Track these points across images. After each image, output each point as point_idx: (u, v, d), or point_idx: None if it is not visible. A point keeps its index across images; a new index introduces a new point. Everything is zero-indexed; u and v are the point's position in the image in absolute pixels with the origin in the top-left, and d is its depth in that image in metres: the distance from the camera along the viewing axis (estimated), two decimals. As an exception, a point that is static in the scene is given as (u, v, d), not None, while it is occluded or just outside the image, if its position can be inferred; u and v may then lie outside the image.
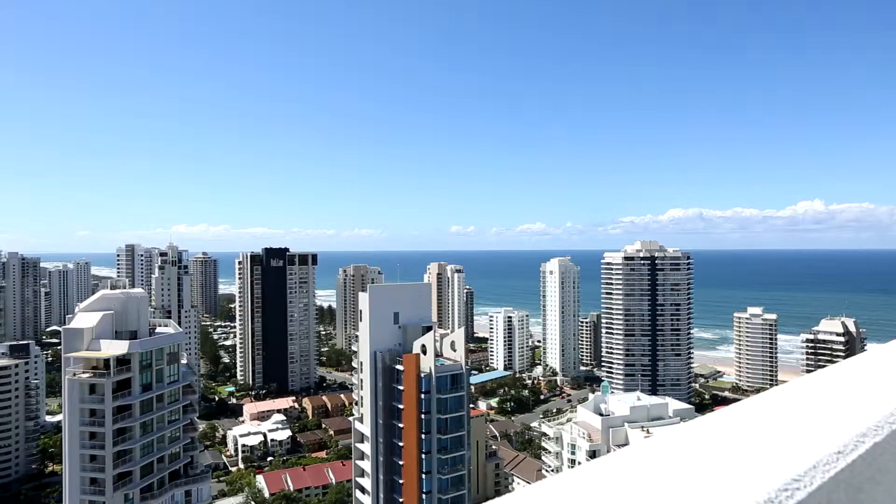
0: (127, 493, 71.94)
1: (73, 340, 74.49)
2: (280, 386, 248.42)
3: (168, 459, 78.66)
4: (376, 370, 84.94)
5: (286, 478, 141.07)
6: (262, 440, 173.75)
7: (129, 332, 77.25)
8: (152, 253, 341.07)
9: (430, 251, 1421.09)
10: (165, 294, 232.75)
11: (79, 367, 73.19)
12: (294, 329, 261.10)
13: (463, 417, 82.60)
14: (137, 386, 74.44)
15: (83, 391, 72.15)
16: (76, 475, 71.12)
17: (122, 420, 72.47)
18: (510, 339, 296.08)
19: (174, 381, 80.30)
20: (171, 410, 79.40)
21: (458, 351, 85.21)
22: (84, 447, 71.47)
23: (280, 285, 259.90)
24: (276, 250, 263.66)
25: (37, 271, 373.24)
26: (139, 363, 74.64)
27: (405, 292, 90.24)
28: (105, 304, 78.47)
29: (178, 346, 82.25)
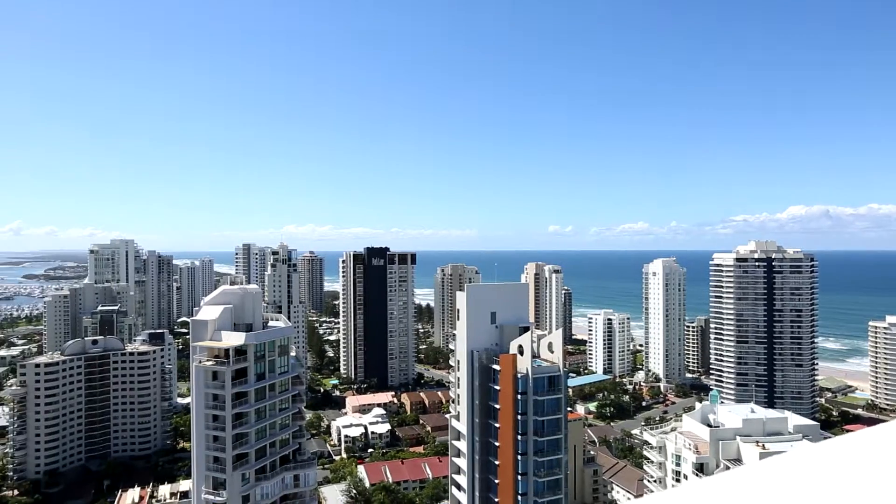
0: (244, 473, 77.98)
1: (198, 331, 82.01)
2: (380, 381, 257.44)
3: (279, 445, 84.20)
4: (473, 369, 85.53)
5: (385, 470, 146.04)
6: (364, 432, 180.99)
7: (246, 324, 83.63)
8: (265, 252, 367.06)
9: (527, 251, 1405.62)
10: (277, 290, 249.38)
11: (203, 355, 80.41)
12: (394, 326, 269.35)
13: (560, 420, 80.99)
14: (253, 375, 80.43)
15: (207, 377, 79.17)
16: (202, 453, 78.21)
17: (239, 406, 78.64)
18: (610, 342, 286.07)
19: (284, 371, 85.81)
20: (282, 399, 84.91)
21: (556, 352, 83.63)
22: (208, 428, 78.41)
23: (381, 283, 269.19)
24: (377, 250, 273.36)
25: (170, 268, 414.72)
26: (254, 354, 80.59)
27: (502, 292, 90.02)
28: (225, 299, 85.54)
29: (287, 339, 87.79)
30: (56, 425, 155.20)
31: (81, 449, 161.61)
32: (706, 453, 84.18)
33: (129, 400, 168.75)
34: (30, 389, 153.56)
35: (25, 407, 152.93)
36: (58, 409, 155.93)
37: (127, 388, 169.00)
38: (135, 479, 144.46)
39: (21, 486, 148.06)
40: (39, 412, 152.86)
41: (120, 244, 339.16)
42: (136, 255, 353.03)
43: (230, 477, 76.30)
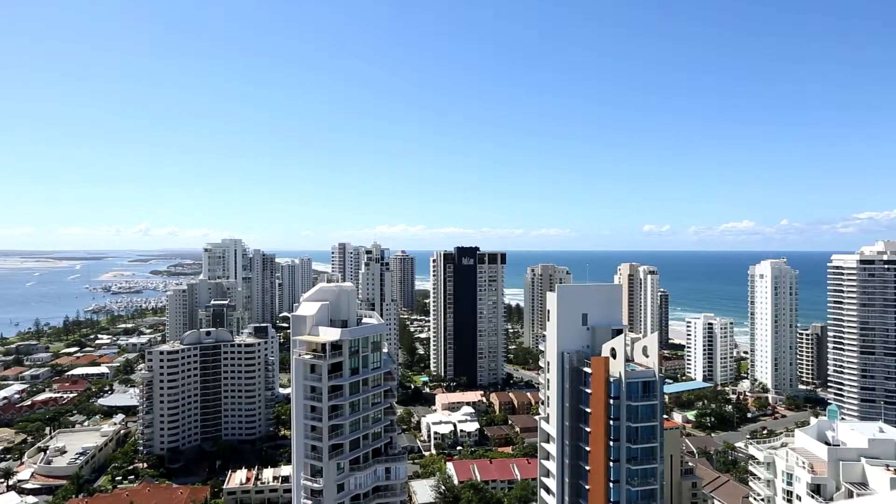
0: (339, 463, 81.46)
1: (298, 326, 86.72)
2: (469, 379, 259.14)
3: (371, 437, 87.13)
4: (563, 371, 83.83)
5: (474, 468, 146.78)
6: (453, 429, 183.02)
7: (341, 320, 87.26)
8: (360, 251, 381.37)
9: (621, 251, 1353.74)
10: (370, 288, 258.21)
11: (302, 348, 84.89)
12: (483, 326, 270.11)
13: (655, 428, 77.35)
14: (347, 369, 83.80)
15: (306, 370, 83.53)
16: (301, 441, 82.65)
17: (335, 398, 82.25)
18: (711, 348, 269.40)
19: (377, 367, 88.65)
20: (374, 394, 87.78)
21: (651, 357, 79.95)
22: (306, 418, 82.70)
23: (471, 283, 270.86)
24: (468, 249, 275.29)
25: (273, 266, 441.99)
26: (349, 349, 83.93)
27: (594, 293, 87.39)
28: (322, 296, 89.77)
29: (380, 335, 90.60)
30: (176, 407, 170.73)
31: (197, 430, 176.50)
32: (824, 474, 76.75)
33: (237, 388, 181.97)
34: (155, 374, 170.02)
35: (152, 389, 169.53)
36: (178, 393, 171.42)
37: (235, 376, 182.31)
38: (242, 461, 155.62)
39: (149, 460, 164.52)
40: (163, 395, 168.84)
41: (229, 243, 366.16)
42: (244, 254, 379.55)
43: (326, 465, 79.98)
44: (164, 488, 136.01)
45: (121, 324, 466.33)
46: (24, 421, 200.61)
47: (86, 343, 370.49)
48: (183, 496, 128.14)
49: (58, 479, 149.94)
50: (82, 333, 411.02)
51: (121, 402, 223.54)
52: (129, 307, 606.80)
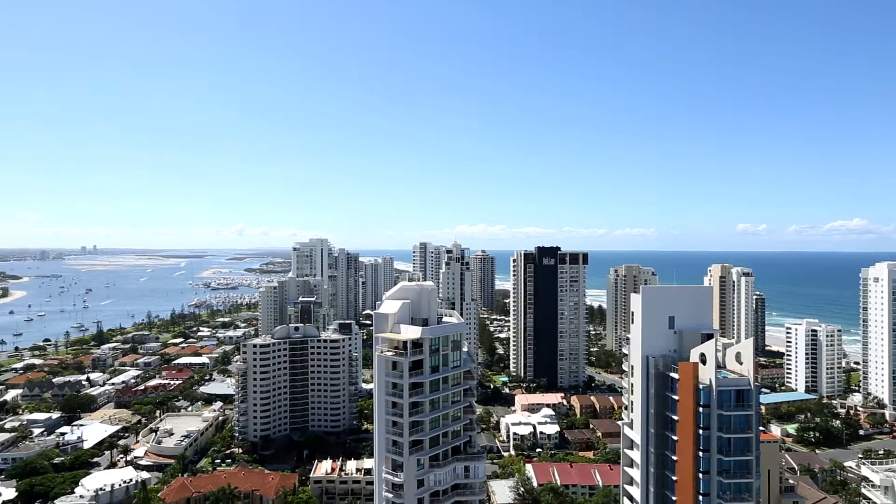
0: (419, 459, 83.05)
1: (380, 323, 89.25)
2: (549, 381, 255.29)
3: (451, 435, 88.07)
4: (648, 376, 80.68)
5: (553, 471, 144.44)
6: (532, 431, 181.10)
7: (422, 319, 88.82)
8: (440, 250, 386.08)
9: (712, 252, 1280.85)
10: (450, 287, 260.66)
11: (384, 345, 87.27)
12: (564, 327, 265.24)
13: (750, 440, 72.61)
14: (428, 367, 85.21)
15: (387, 366, 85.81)
16: (382, 436, 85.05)
17: (415, 395, 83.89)
18: (815, 356, 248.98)
19: (457, 366, 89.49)
20: (454, 392, 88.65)
21: (746, 364, 75.13)
22: (388, 413, 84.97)
23: (551, 283, 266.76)
24: (548, 249, 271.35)
25: (357, 264, 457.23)
26: (429, 347, 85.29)
27: (682, 295, 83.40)
28: (404, 294, 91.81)
29: (460, 335, 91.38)
30: (268, 398, 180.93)
31: (287, 421, 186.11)
32: (949, 500, 68.99)
33: (322, 382, 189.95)
34: (249, 366, 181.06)
35: (246, 380, 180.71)
36: (269, 384, 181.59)
37: (321, 371, 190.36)
38: (327, 452, 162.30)
39: (244, 446, 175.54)
40: (256, 386, 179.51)
41: (316, 243, 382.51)
42: (329, 253, 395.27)
43: (407, 461, 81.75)
44: (257, 473, 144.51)
45: (219, 318, 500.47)
46: (138, 403, 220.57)
47: (189, 335, 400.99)
48: (274, 482, 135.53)
49: (166, 457, 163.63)
50: (186, 326, 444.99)
51: (219, 390, 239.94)
52: (226, 302, 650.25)
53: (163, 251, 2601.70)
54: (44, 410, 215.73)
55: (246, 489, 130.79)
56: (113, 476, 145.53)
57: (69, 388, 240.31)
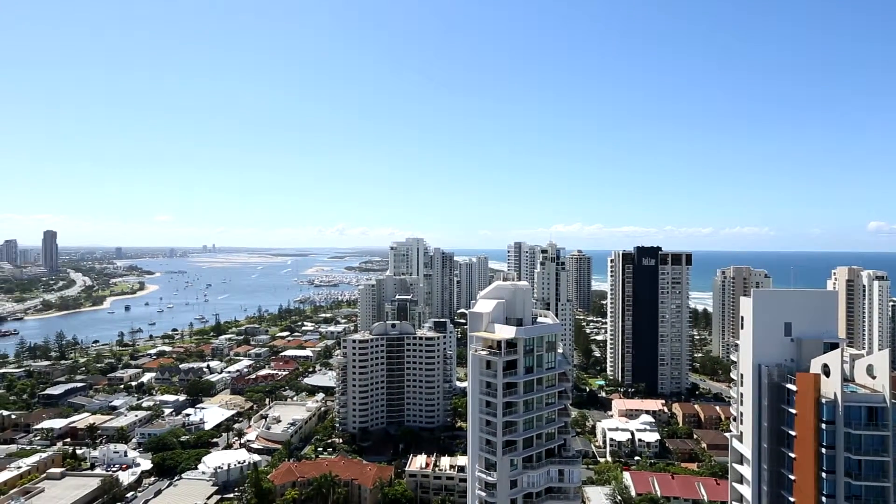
0: (512, 459, 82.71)
1: (475, 322, 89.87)
2: (649, 386, 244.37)
3: (545, 437, 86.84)
4: (760, 386, 74.85)
5: (653, 481, 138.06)
6: (630, 438, 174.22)
7: (516, 319, 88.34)
8: (535, 250, 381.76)
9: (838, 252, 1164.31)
10: (545, 287, 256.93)
11: (479, 344, 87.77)
12: (665, 330, 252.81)
13: (887, 464, 65.13)
14: (522, 367, 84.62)
15: (482, 365, 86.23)
16: (476, 434, 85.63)
17: (509, 395, 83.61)
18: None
19: (551, 367, 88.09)
20: (549, 394, 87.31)
21: (880, 378, 67.46)
22: (481, 412, 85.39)
23: (651, 285, 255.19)
24: (648, 249, 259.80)
25: (451, 264, 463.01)
26: (524, 347, 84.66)
27: (801, 300, 76.46)
28: (498, 294, 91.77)
29: (555, 335, 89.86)
30: (366, 391, 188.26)
31: (384, 414, 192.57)
32: None
33: (418, 378, 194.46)
34: (349, 360, 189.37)
35: (346, 374, 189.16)
36: (367, 378, 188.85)
37: (416, 367, 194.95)
38: (422, 447, 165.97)
39: (343, 436, 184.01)
40: (355, 379, 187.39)
41: (413, 242, 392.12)
42: (425, 252, 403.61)
43: (500, 460, 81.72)
44: (356, 463, 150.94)
45: (321, 313, 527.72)
46: (250, 391, 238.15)
47: (294, 329, 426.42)
48: (371, 472, 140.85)
49: (274, 443, 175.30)
50: (292, 320, 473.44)
51: (321, 382, 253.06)
52: (327, 299, 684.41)
53: (271, 249, 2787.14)
54: (172, 393, 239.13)
55: (346, 477, 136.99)
56: (229, 456, 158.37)
57: (193, 374, 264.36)
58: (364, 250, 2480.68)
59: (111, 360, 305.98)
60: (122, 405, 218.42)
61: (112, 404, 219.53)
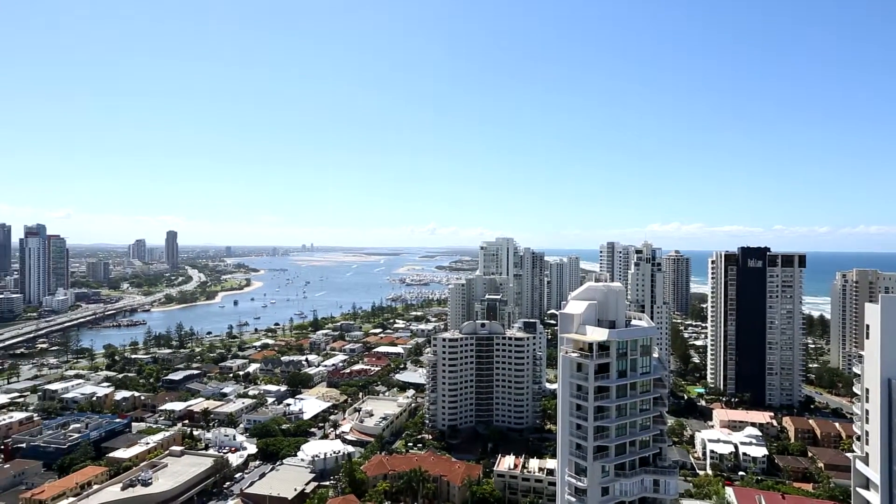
0: (604, 465, 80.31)
1: (565, 323, 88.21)
2: (754, 397, 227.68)
3: (638, 445, 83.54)
4: (890, 403, 67.46)
5: (760, 500, 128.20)
6: (733, 451, 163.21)
7: (609, 321, 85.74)
8: (629, 250, 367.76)
9: None
10: (639, 289, 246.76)
11: (569, 346, 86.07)
12: (774, 338, 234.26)
13: None
14: (614, 371, 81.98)
15: (572, 368, 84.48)
16: (566, 437, 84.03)
17: (600, 399, 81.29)
18: None
19: (646, 372, 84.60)
20: (643, 399, 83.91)
21: None
22: (571, 416, 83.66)
23: (758, 288, 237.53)
24: (754, 250, 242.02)
25: (542, 264, 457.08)
26: (616, 350, 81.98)
27: (939, 308, 68.03)
28: (590, 295, 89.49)
29: (650, 339, 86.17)
30: (456, 390, 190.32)
31: (472, 413, 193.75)
32: None
33: (507, 378, 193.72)
34: (439, 358, 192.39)
35: (436, 371, 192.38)
36: (457, 376, 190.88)
37: (505, 367, 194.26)
38: (510, 448, 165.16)
39: (433, 433, 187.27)
40: (445, 377, 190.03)
41: (502, 242, 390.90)
42: (515, 252, 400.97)
43: (591, 466, 79.65)
44: (445, 459, 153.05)
45: (412, 311, 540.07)
46: (345, 385, 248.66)
47: (386, 326, 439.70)
48: (460, 470, 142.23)
49: (367, 435, 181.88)
50: (384, 318, 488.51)
51: (412, 379, 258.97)
52: (418, 297, 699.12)
53: (365, 249, 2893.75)
54: (274, 383, 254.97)
55: (435, 473, 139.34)
56: (325, 446, 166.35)
57: (293, 367, 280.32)
58: (454, 250, 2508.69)
59: (222, 351, 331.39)
60: (231, 392, 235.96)
61: (223, 391, 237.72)
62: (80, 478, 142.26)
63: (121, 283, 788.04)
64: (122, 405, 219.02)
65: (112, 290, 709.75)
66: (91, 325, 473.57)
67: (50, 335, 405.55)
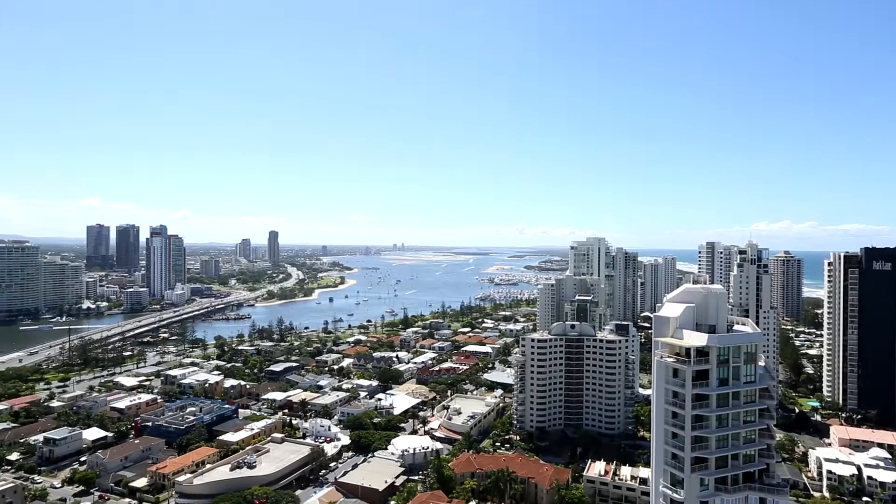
0: (702, 478, 75.93)
1: (660, 327, 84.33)
2: (882, 414, 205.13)
3: (742, 459, 78.17)
4: None
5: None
6: (856, 473, 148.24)
7: (708, 325, 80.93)
8: (731, 251, 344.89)
9: None
10: (743, 292, 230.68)
11: (665, 351, 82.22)
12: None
13: None
14: (714, 379, 77.27)
15: (668, 373, 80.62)
16: (660, 446, 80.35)
17: (699, 408, 76.93)
18: None
19: (750, 381, 79.00)
20: (747, 411, 78.45)
21: None
22: (667, 424, 79.84)
23: (885, 293, 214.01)
24: (881, 251, 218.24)
25: (635, 264, 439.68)
26: (717, 357, 77.22)
27: None
28: (687, 297, 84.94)
29: (755, 346, 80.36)
30: (544, 391, 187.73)
31: (561, 416, 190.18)
32: None
33: (597, 381, 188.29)
34: (527, 358, 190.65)
35: (524, 372, 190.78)
36: (545, 378, 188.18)
37: (596, 370, 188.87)
38: (601, 453, 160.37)
39: (521, 434, 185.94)
40: (533, 378, 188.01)
41: (593, 242, 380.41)
42: (607, 252, 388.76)
43: (688, 478, 75.66)
44: (533, 461, 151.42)
45: (501, 311, 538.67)
46: (434, 382, 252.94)
47: (475, 325, 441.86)
48: (548, 472, 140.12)
49: (455, 433, 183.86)
50: (473, 317, 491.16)
51: (500, 378, 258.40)
52: (507, 297, 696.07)
53: (454, 248, 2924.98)
54: (366, 378, 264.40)
55: (522, 475, 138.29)
56: (414, 441, 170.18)
57: (384, 363, 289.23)
58: (543, 249, 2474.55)
59: (318, 345, 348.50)
60: (326, 385, 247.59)
61: (318, 384, 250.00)
62: (195, 456, 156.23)
63: (229, 279, 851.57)
64: (230, 392, 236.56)
65: (221, 286, 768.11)
66: (203, 318, 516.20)
67: (170, 326, 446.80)
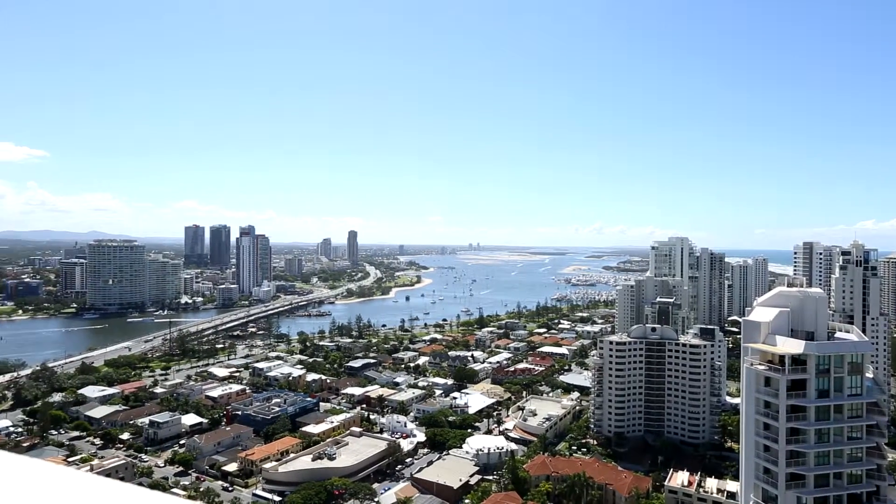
0: (799, 496, 70.67)
1: (750, 332, 79.23)
2: None
3: (846, 478, 72.01)
4: None
5: None
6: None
7: (806, 332, 75.15)
8: (832, 252, 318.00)
9: None
10: (847, 297, 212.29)
11: (755, 357, 77.18)
12: None
13: None
14: (812, 390, 71.65)
15: (759, 382, 75.64)
16: (751, 459, 75.52)
17: (795, 420, 71.60)
18: None
19: (856, 394, 72.59)
20: (852, 426, 72.17)
21: None
22: (758, 435, 74.92)
23: None
24: None
25: (722, 265, 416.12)
26: (815, 366, 71.55)
27: None
28: (781, 301, 79.28)
29: (861, 356, 73.73)
30: (623, 395, 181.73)
31: (641, 422, 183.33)
32: None
33: (680, 388, 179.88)
34: (605, 361, 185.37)
35: (602, 375, 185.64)
36: (624, 382, 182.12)
37: (679, 376, 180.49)
38: (683, 463, 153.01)
39: (598, 438, 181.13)
40: (611, 381, 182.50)
41: (676, 241, 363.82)
42: (690, 252, 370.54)
43: (783, 495, 70.68)
44: (610, 467, 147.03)
45: (578, 312, 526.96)
46: (509, 382, 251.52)
47: (551, 326, 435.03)
48: (627, 480, 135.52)
49: (530, 434, 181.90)
50: (549, 318, 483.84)
51: (577, 381, 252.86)
52: (584, 298, 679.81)
53: (530, 248, 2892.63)
54: (442, 376, 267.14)
55: (600, 481, 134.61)
56: (489, 441, 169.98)
57: (459, 362, 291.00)
58: (622, 249, 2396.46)
59: (395, 343, 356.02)
60: (402, 382, 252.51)
61: (395, 381, 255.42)
62: (280, 445, 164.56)
63: (311, 277, 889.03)
64: (312, 386, 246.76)
65: (304, 284, 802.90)
66: (287, 314, 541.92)
67: (257, 321, 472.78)
